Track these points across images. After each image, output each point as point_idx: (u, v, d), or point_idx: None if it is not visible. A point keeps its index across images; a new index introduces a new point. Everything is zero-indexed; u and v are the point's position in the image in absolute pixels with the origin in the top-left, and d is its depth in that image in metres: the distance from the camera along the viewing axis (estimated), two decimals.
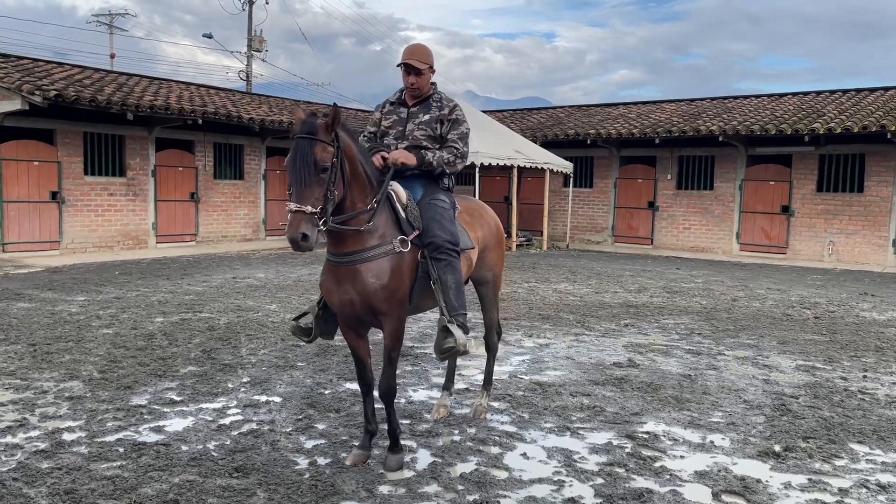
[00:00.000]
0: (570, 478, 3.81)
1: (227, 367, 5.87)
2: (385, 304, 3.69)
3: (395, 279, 3.69)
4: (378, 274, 3.64)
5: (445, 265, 3.84)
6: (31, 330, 7.06)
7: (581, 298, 10.08)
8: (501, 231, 4.76)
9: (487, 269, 4.60)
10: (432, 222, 3.90)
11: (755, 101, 20.49)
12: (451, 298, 3.82)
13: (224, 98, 18.95)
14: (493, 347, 4.94)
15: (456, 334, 3.72)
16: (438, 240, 3.84)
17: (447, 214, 4.00)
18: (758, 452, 4.24)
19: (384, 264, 3.67)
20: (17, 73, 13.88)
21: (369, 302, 3.67)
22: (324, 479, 3.69)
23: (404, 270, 3.76)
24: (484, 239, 4.50)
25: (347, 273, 3.66)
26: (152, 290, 9.87)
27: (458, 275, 3.89)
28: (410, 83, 4.13)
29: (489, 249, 4.57)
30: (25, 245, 13.80)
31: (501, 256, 4.77)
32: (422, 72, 4.10)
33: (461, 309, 3.84)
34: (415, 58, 4.10)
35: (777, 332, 7.89)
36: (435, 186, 4.15)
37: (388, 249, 3.69)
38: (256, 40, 33.29)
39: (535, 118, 23.64)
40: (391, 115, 4.26)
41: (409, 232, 3.82)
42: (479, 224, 4.50)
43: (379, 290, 3.65)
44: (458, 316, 3.82)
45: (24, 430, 4.32)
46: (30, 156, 13.85)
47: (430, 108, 4.19)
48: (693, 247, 18.55)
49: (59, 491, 3.46)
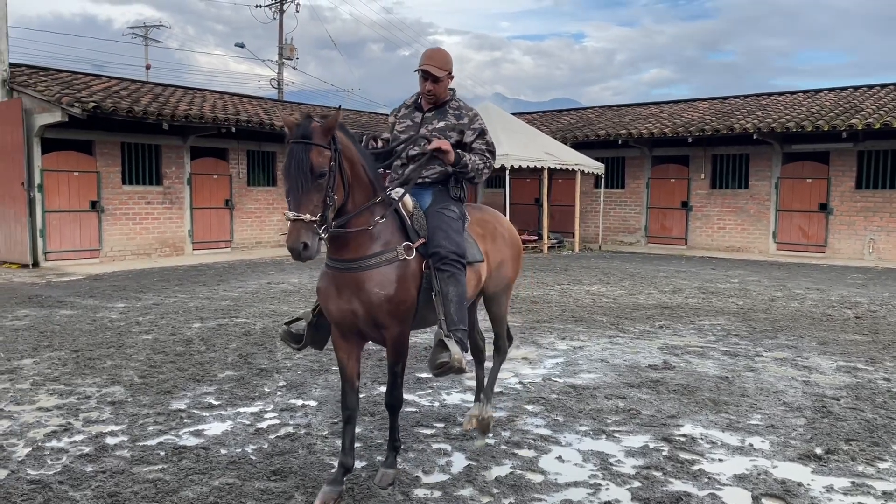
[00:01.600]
0: (607, 481, 3.79)
1: (263, 371, 5.95)
2: (388, 317, 3.50)
3: (400, 289, 3.51)
4: (382, 283, 3.46)
5: (448, 277, 3.63)
6: (73, 336, 7.23)
7: (614, 300, 10.00)
8: (518, 243, 4.54)
9: (503, 282, 4.40)
10: (438, 231, 3.73)
11: (790, 97, 20.13)
12: (452, 312, 3.61)
13: (256, 106, 19.21)
14: (503, 353, 4.70)
15: (452, 349, 3.51)
16: (443, 250, 3.65)
17: (455, 224, 3.82)
18: (798, 455, 4.17)
19: (388, 273, 3.48)
20: (56, 85, 14.23)
21: (373, 314, 3.48)
22: (360, 482, 3.72)
23: (409, 280, 3.57)
24: (500, 253, 4.30)
25: (349, 281, 3.47)
26: (189, 296, 10.03)
27: (462, 288, 3.68)
28: (427, 90, 3.96)
29: (505, 262, 4.37)
30: (67, 253, 14.13)
31: (517, 269, 4.55)
32: (440, 79, 3.93)
33: (461, 324, 3.63)
34: (433, 64, 3.92)
35: (817, 333, 7.74)
36: (445, 195, 3.98)
37: (392, 257, 3.51)
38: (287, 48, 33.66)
39: (565, 119, 23.53)
40: (405, 120, 4.11)
41: (415, 240, 3.66)
42: (493, 237, 4.28)
43: (384, 302, 3.46)
44: (456, 331, 3.60)
45: (68, 434, 4.43)
46: (70, 166, 14.19)
47: (446, 115, 4.02)
48: (728, 246, 18.28)
49: (104, 494, 3.55)
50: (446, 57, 3.99)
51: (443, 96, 4.03)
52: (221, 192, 17.05)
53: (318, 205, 3.18)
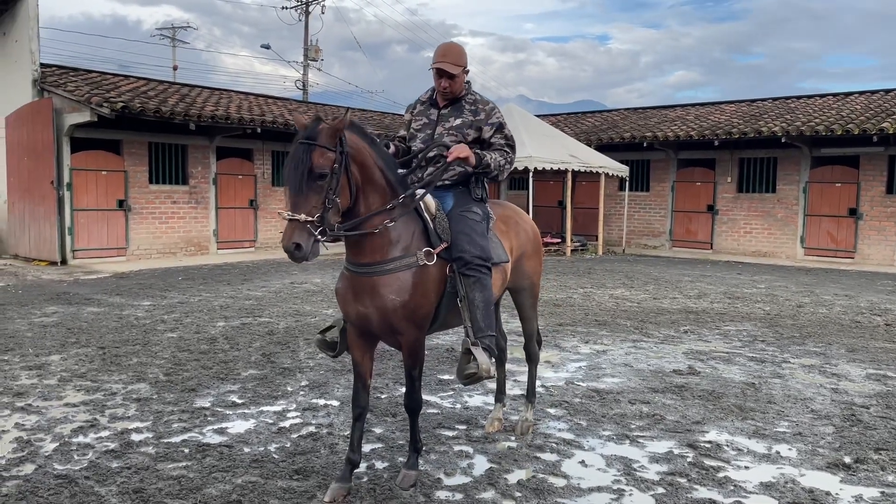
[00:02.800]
0: (630, 487, 3.75)
1: (286, 370, 5.97)
2: (403, 323, 3.45)
3: (417, 296, 3.44)
4: (399, 290, 3.40)
5: (474, 282, 3.58)
6: (100, 333, 7.32)
7: (638, 304, 9.92)
8: (539, 238, 4.54)
9: (525, 277, 4.38)
10: (461, 236, 3.64)
11: (819, 100, 19.85)
12: (479, 319, 3.56)
13: (281, 107, 19.34)
14: (535, 357, 4.70)
15: (479, 359, 3.46)
16: (467, 255, 3.58)
17: (478, 227, 3.74)
18: (827, 464, 4.10)
19: (406, 278, 3.42)
20: (86, 85, 14.45)
21: (388, 319, 3.43)
22: (381, 482, 3.72)
23: (429, 286, 3.50)
24: (520, 247, 4.29)
25: (366, 285, 3.43)
26: (214, 295, 10.12)
27: (488, 293, 3.62)
28: (443, 87, 3.85)
29: (526, 257, 4.35)
30: (94, 252, 14.33)
31: (539, 263, 4.52)
32: (454, 76, 3.81)
33: (488, 330, 3.57)
34: (448, 61, 3.79)
35: (845, 340, 7.61)
36: (467, 197, 3.88)
37: (412, 262, 3.44)
38: (312, 50, 33.87)
39: (589, 121, 23.41)
40: (420, 118, 4.01)
41: (437, 244, 3.58)
42: (515, 232, 4.27)
43: (399, 308, 3.40)
44: (483, 338, 3.55)
45: (94, 430, 4.48)
46: (98, 165, 14.39)
47: (463, 112, 3.91)
48: (755, 251, 18.06)
49: (129, 490, 3.58)
50: (461, 52, 3.86)
51: (458, 91, 3.92)
52: (246, 192, 17.19)
53: (317, 206, 3.12)
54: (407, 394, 3.70)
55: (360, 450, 3.70)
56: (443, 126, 3.91)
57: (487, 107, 3.94)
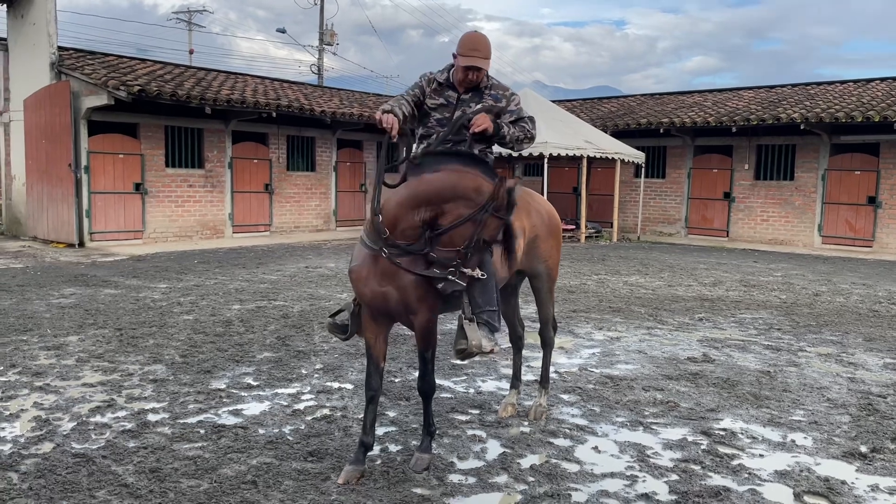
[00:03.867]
0: (644, 473, 3.75)
1: (300, 353, 6.00)
2: (418, 303, 3.50)
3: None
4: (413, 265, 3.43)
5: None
6: (117, 315, 7.39)
7: (653, 291, 9.87)
8: (556, 220, 4.48)
9: (539, 260, 4.36)
10: None
11: (840, 87, 19.57)
12: (475, 295, 3.56)
13: (297, 91, 19.33)
14: (550, 342, 4.69)
15: (470, 335, 3.48)
16: None
17: None
18: (842, 453, 4.07)
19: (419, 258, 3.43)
20: (103, 69, 14.51)
21: (406, 297, 3.49)
22: (395, 465, 3.74)
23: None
24: (533, 228, 4.26)
25: (386, 263, 3.46)
26: (229, 278, 10.18)
27: (487, 270, 3.56)
28: (471, 80, 3.84)
29: (541, 239, 4.32)
30: (111, 234, 14.45)
31: (556, 248, 4.48)
32: (481, 69, 3.80)
33: (486, 305, 3.57)
34: (480, 56, 3.76)
35: (863, 329, 7.54)
36: None
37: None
38: (328, 34, 33.79)
39: (605, 107, 23.23)
40: (438, 97, 3.94)
41: None
42: (527, 212, 4.23)
43: (416, 285, 3.46)
44: (481, 313, 3.56)
45: (111, 410, 4.53)
46: (115, 149, 14.48)
47: (483, 98, 3.90)
48: (771, 239, 17.91)
49: (145, 469, 3.62)
50: (488, 44, 3.84)
51: (480, 80, 3.91)
52: (261, 177, 17.24)
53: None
54: (420, 377, 3.72)
55: (373, 432, 3.73)
56: (462, 111, 3.89)
57: (507, 93, 3.96)
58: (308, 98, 18.40)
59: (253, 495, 3.35)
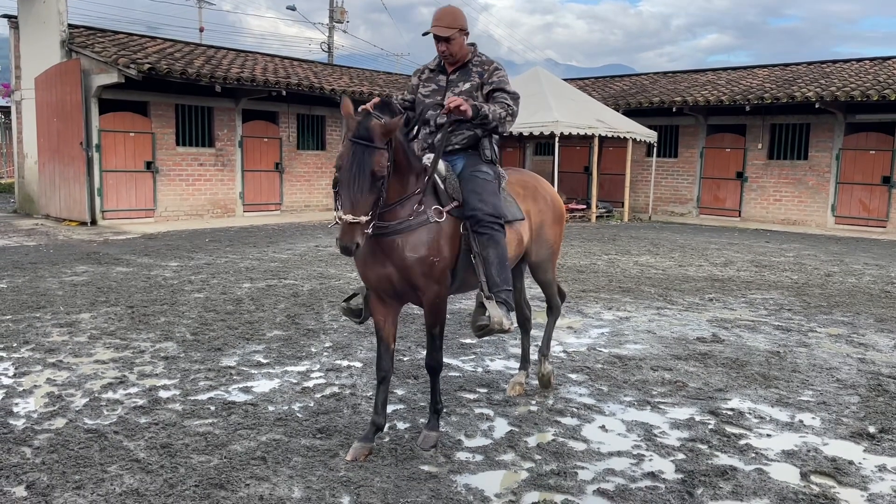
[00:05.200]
0: (651, 452, 3.76)
1: (310, 332, 6.04)
2: (422, 279, 3.53)
3: (432, 251, 3.52)
4: (415, 246, 3.48)
5: (487, 239, 3.64)
6: (129, 293, 7.45)
7: (663, 271, 9.84)
8: (560, 206, 4.50)
9: (546, 246, 4.38)
10: (472, 194, 3.70)
11: (856, 65, 19.27)
12: (493, 274, 3.63)
13: (307, 70, 19.27)
14: (556, 308, 4.75)
15: (491, 312, 3.55)
16: (479, 213, 3.64)
17: (489, 186, 3.77)
18: (850, 433, 4.06)
19: (421, 235, 3.50)
20: (113, 47, 14.50)
21: (407, 276, 3.52)
22: (403, 443, 3.77)
23: (442, 242, 3.57)
24: (540, 214, 4.29)
25: (382, 246, 3.50)
26: (240, 257, 10.23)
27: (501, 249, 3.68)
28: (441, 51, 3.89)
29: (547, 225, 4.35)
30: (123, 213, 14.53)
31: (560, 234, 4.51)
32: (450, 38, 3.83)
33: (504, 285, 3.64)
34: (440, 24, 3.82)
35: (874, 310, 7.50)
36: (476, 158, 3.91)
37: (423, 219, 3.51)
38: (338, 11, 33.57)
39: (617, 86, 23.00)
40: (430, 84, 4.02)
41: (447, 203, 3.64)
42: (534, 197, 4.27)
43: (416, 264, 3.49)
44: (499, 292, 3.63)
45: (123, 386, 4.58)
46: (126, 127, 14.51)
47: (471, 76, 3.92)
48: (784, 219, 17.77)
49: (156, 445, 3.67)
50: (454, 14, 3.87)
51: (461, 55, 3.93)
52: (272, 156, 17.24)
53: (372, 206, 3.23)
54: (428, 353, 3.76)
55: (384, 413, 3.76)
56: (452, 91, 3.91)
57: (491, 66, 3.94)
58: (318, 76, 18.34)
59: (262, 471, 3.39)
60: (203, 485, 3.23)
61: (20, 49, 16.08)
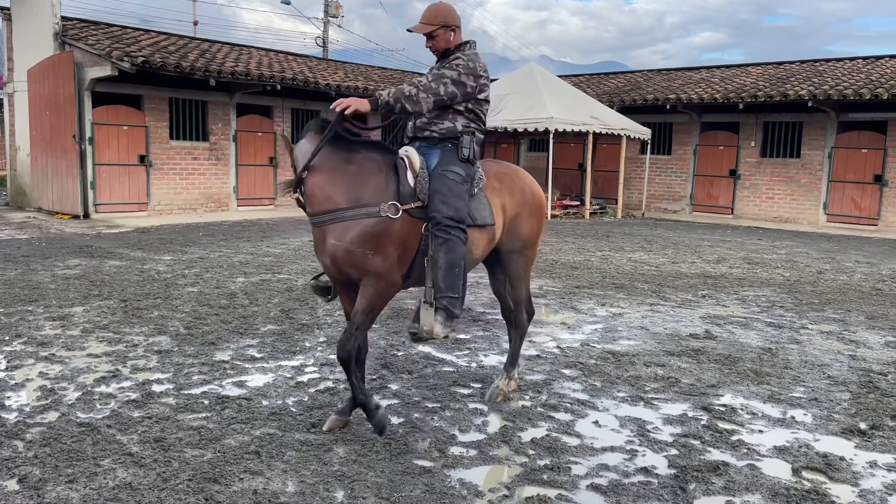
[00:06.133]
0: (644, 448, 3.77)
1: (304, 326, 6.04)
2: (353, 270, 3.54)
3: (367, 244, 3.50)
4: (342, 236, 3.50)
5: (441, 243, 3.62)
6: (122, 287, 7.43)
7: (656, 268, 9.87)
8: (539, 199, 4.33)
9: (518, 238, 4.21)
10: (436, 195, 3.67)
11: (849, 63, 19.35)
12: (439, 279, 3.61)
13: (301, 64, 19.20)
14: (521, 327, 4.48)
15: (423, 319, 3.57)
16: (438, 215, 3.62)
17: (456, 188, 3.72)
18: (842, 430, 4.09)
19: (352, 227, 3.50)
20: (106, 39, 14.41)
21: (338, 266, 3.58)
22: (397, 437, 3.77)
23: (385, 238, 3.54)
24: (515, 206, 4.17)
25: (320, 234, 3.62)
26: (234, 251, 10.21)
27: (454, 255, 3.62)
28: (428, 47, 3.98)
29: (521, 217, 4.20)
30: (116, 206, 14.47)
31: (537, 228, 4.32)
32: (432, 34, 3.89)
33: (448, 291, 3.62)
34: (422, 21, 3.93)
35: (865, 307, 7.54)
36: (451, 156, 3.83)
37: (371, 212, 3.51)
38: (333, 6, 33.46)
39: (612, 83, 23.03)
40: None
41: (409, 201, 3.62)
42: (510, 189, 4.17)
43: (342, 253, 3.52)
44: (441, 298, 3.62)
45: (116, 380, 4.57)
46: (119, 120, 14.44)
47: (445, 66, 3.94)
48: (776, 217, 17.85)
49: (150, 439, 3.66)
50: (437, 10, 3.92)
51: (445, 47, 3.96)
52: (266, 150, 17.19)
53: None
54: (340, 339, 3.66)
55: (363, 389, 3.81)
56: None
57: (456, 60, 3.88)
58: (313, 71, 18.28)
59: (256, 465, 3.39)
60: (196, 479, 3.23)
61: (12, 41, 15.98)
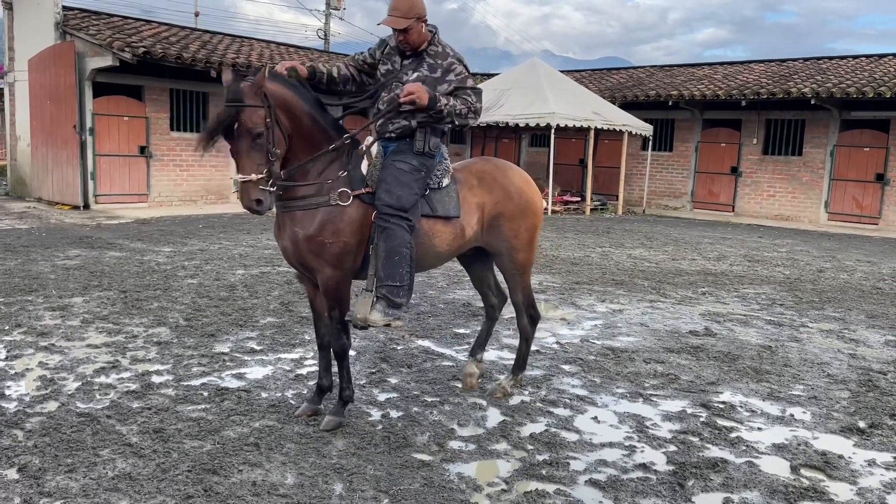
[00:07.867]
0: (642, 444, 3.78)
1: (303, 319, 6.03)
2: (312, 258, 3.60)
3: (325, 232, 3.57)
4: (305, 224, 3.57)
5: (381, 231, 3.61)
6: (122, 278, 7.42)
7: (657, 265, 9.87)
8: (527, 198, 4.14)
9: (502, 239, 4.10)
10: (381, 184, 3.66)
11: (852, 61, 19.31)
12: (379, 267, 3.62)
13: (303, 57, 19.16)
14: (525, 333, 4.42)
15: (357, 308, 3.62)
16: (380, 203, 3.62)
17: (403, 177, 3.67)
18: (841, 428, 4.10)
19: (314, 215, 3.57)
20: (108, 29, 14.37)
21: (298, 253, 3.64)
22: (396, 431, 3.77)
23: (341, 226, 3.59)
24: (495, 205, 4.02)
25: (283, 219, 3.67)
26: (234, 243, 10.20)
27: (393, 243, 3.58)
28: (399, 40, 3.76)
29: (505, 218, 4.06)
30: (116, 197, 14.45)
31: (527, 228, 4.14)
32: (406, 29, 3.68)
33: (388, 280, 3.60)
34: (394, 15, 3.65)
35: (865, 306, 7.54)
36: (405, 147, 3.80)
37: (322, 201, 3.58)
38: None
39: (614, 78, 22.98)
40: (387, 62, 3.91)
41: (359, 188, 3.66)
42: (489, 188, 4.03)
43: (303, 241, 3.58)
44: (381, 287, 3.62)
45: (116, 371, 4.57)
46: (120, 111, 14.40)
47: (421, 65, 3.77)
48: (777, 215, 17.83)
49: (149, 429, 3.66)
50: (411, 2, 3.67)
51: (418, 42, 3.77)
52: None
53: (262, 163, 3.35)
54: (331, 337, 3.82)
55: (328, 375, 3.98)
56: (399, 80, 3.81)
57: (446, 61, 3.78)
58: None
59: (255, 457, 3.40)
60: (196, 470, 3.23)
61: (14, 30, 15.93)
